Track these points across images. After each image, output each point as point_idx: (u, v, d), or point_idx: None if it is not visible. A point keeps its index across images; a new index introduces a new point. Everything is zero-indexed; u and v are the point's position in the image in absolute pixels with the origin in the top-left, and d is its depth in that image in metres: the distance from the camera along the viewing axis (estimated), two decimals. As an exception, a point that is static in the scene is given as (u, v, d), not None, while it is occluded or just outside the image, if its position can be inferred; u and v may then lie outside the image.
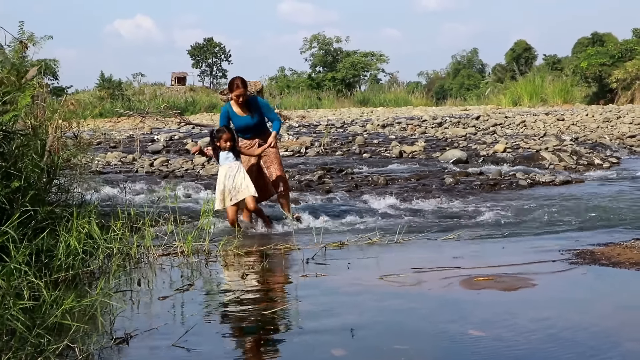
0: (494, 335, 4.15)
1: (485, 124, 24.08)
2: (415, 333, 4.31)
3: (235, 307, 4.88)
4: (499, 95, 50.49)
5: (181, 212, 8.53)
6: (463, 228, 8.22)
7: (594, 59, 50.42)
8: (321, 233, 7.24)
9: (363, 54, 72.52)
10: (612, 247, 6.39)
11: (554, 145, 16.66)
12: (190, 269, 6.21)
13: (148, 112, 30.50)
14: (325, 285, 5.66)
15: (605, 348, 3.87)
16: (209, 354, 3.93)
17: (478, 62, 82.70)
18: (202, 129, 25.27)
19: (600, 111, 30.61)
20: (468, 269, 5.97)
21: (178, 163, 13.64)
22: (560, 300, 4.94)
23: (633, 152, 18.85)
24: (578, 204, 9.74)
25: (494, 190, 11.74)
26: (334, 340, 4.17)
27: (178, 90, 60.44)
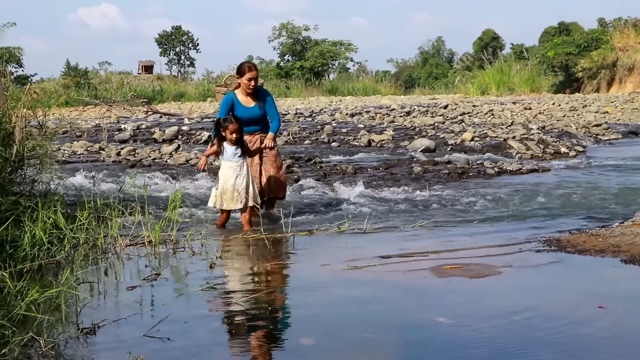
0: (461, 323, 4.17)
1: (454, 113, 24.19)
2: (384, 321, 4.31)
3: (204, 296, 4.85)
4: (467, 84, 50.76)
5: (149, 201, 8.47)
6: (431, 217, 8.25)
7: (560, 48, 50.77)
8: (289, 222, 7.22)
9: (332, 43, 72.38)
10: (578, 235, 6.45)
11: (521, 134, 16.78)
12: (157, 259, 6.17)
13: (115, 101, 30.21)
14: (294, 273, 5.65)
15: (569, 335, 3.91)
16: (181, 344, 3.90)
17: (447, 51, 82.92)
18: (170, 118, 25.11)
19: (567, 100, 30.89)
20: (436, 257, 5.99)
21: (145, 152, 13.54)
22: (526, 287, 4.98)
23: (598, 140, 19.04)
24: (544, 193, 9.82)
25: (461, 178, 11.79)
26: (302, 329, 4.16)
27: (145, 79, 59.99)
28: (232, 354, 3.68)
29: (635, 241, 5.86)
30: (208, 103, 40.92)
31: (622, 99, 31.25)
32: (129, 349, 3.71)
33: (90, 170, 11.22)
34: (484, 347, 3.74)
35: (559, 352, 3.64)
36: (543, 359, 3.55)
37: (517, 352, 3.65)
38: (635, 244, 5.79)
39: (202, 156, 7.90)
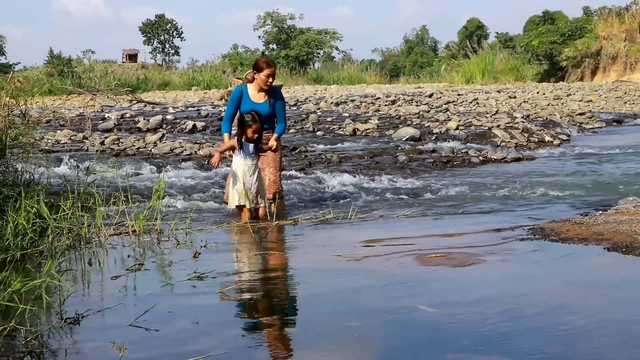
0: (446, 311, 4.18)
1: (438, 102, 24.23)
2: (369, 310, 4.32)
3: (189, 286, 4.84)
4: (452, 73, 50.85)
5: (133, 191, 8.45)
6: (416, 205, 8.26)
7: (544, 37, 50.90)
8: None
9: (317, 31, 72.32)
10: (562, 223, 6.48)
11: (505, 122, 16.83)
12: (142, 249, 6.15)
13: (99, 89, 30.07)
14: (278, 262, 5.65)
15: (553, 322, 3.92)
16: (166, 333, 3.89)
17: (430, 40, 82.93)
18: (154, 107, 25.01)
19: (551, 89, 31.01)
20: (421, 246, 6.00)
21: (129, 141, 13.48)
22: (510, 276, 4.99)
23: (582, 129, 19.12)
24: (529, 181, 9.86)
25: (446, 167, 11.82)
26: (287, 318, 4.16)
27: (130, 67, 59.69)
28: (217, 344, 3.67)
29: (618, 229, 5.89)
30: (193, 92, 40.82)
31: (605, 88, 31.41)
32: (113, 339, 3.69)
33: (74, 159, 11.17)
34: (468, 336, 3.75)
35: (543, 339, 3.65)
36: (527, 346, 3.56)
37: (502, 340, 3.65)
38: (618, 232, 5.82)
39: (216, 152, 7.67)
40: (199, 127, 16.61)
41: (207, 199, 9.02)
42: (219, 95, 32.21)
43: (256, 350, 3.67)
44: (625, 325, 3.87)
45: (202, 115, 19.15)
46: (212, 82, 51.01)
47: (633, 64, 45.52)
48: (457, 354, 3.52)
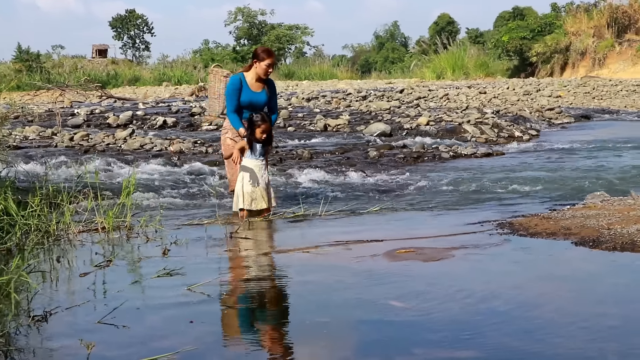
0: (415, 306, 4.20)
1: (409, 97, 24.30)
2: (338, 305, 4.32)
3: (159, 283, 4.82)
4: (423, 69, 51.00)
5: (102, 187, 8.39)
6: (386, 201, 8.29)
7: (514, 32, 51.30)
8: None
9: (288, 27, 72.30)
10: (530, 218, 6.53)
11: (475, 118, 16.92)
12: (111, 245, 6.11)
13: (68, 85, 29.80)
14: (248, 259, 5.64)
15: (521, 317, 3.96)
16: (134, 330, 3.87)
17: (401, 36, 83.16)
18: (125, 102, 24.85)
19: (521, 84, 31.22)
20: (390, 241, 6.02)
21: (99, 137, 13.38)
22: (478, 270, 5.02)
23: (552, 124, 19.30)
24: (498, 176, 9.92)
25: (417, 163, 11.87)
26: (257, 314, 4.16)
27: (99, 63, 59.26)
28: (186, 341, 3.67)
29: (585, 223, 5.95)
30: (163, 88, 40.61)
31: (574, 83, 31.68)
32: (82, 336, 3.67)
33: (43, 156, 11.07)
34: (437, 331, 3.77)
35: (511, 333, 3.68)
36: (495, 340, 3.59)
37: (470, 334, 3.68)
38: (585, 226, 5.88)
39: (236, 150, 7.42)
40: (170, 123, 16.54)
41: (178, 195, 8.99)
42: (190, 91, 32.07)
43: (226, 347, 3.67)
44: (594, 319, 3.91)
45: (172, 111, 19.05)
46: (183, 77, 50.77)
47: (601, 59, 46.00)
48: (425, 348, 3.53)
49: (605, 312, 4.02)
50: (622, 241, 5.34)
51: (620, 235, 5.48)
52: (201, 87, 31.63)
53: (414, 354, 3.49)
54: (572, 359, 3.35)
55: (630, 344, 3.49)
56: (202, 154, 12.20)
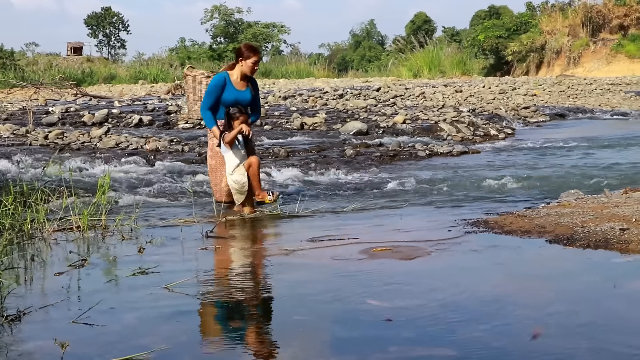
0: (391, 304, 4.21)
1: (386, 96, 24.32)
2: (314, 304, 4.33)
3: (134, 282, 4.80)
4: (399, 67, 51.12)
5: (78, 186, 8.35)
6: (362, 199, 8.30)
7: (490, 31, 51.56)
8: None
9: (264, 25, 72.19)
10: (505, 216, 6.57)
11: (452, 116, 16.98)
12: (86, 244, 6.08)
13: (42, 83, 29.56)
14: (224, 257, 5.63)
15: (496, 315, 3.98)
16: (109, 330, 3.85)
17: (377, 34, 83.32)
18: (100, 100, 24.70)
19: (497, 83, 31.36)
20: (367, 239, 6.04)
21: (74, 136, 13.30)
22: (454, 268, 5.04)
23: (527, 123, 19.41)
24: (474, 175, 9.97)
25: (393, 161, 11.90)
26: (233, 313, 4.15)
27: (75, 60, 58.86)
28: (161, 340, 3.65)
29: (559, 221, 5.99)
30: (139, 86, 40.40)
31: (550, 82, 31.88)
32: (56, 336, 3.64)
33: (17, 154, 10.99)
34: (412, 328, 3.78)
35: (487, 331, 3.70)
36: (471, 338, 3.60)
37: (446, 332, 3.69)
38: (559, 224, 5.92)
39: (229, 137, 7.46)
40: (145, 121, 16.46)
41: (154, 193, 8.95)
42: (166, 89, 31.93)
43: (201, 346, 3.66)
44: (568, 316, 3.94)
45: (148, 109, 18.96)
46: (159, 75, 50.52)
47: (576, 58, 46.36)
48: (401, 346, 3.54)
49: (579, 309, 4.05)
50: (596, 239, 5.39)
51: (594, 232, 5.52)
52: (177, 85, 31.50)
53: (389, 352, 3.50)
54: (546, 355, 3.37)
55: (602, 340, 3.52)
56: (178, 153, 12.16)
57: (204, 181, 9.51)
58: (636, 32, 45.97)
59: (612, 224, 5.64)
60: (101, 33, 79.22)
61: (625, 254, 5.04)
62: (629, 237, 5.31)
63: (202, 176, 9.85)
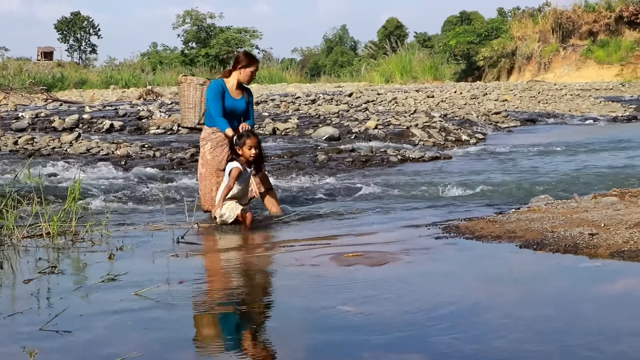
0: (362, 310, 4.22)
1: (358, 101, 24.38)
2: (286, 310, 4.33)
3: (104, 289, 4.76)
4: (372, 73, 51.25)
5: (48, 192, 8.27)
6: (334, 204, 8.31)
7: (462, 37, 51.82)
8: (193, 211, 7.16)
9: (236, 30, 72.00)
10: (476, 222, 6.60)
11: (423, 121, 17.06)
12: (56, 251, 6.03)
13: (12, 88, 29.32)
14: (196, 264, 5.61)
15: (467, 320, 4.00)
16: (78, 337, 3.82)
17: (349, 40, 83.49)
18: (71, 106, 24.53)
19: (468, 88, 31.54)
20: (338, 245, 6.04)
21: (44, 141, 13.20)
22: (425, 274, 5.06)
23: (498, 128, 19.53)
24: (445, 180, 10.01)
25: (365, 166, 11.92)
26: (204, 319, 4.13)
27: (45, 65, 58.37)
28: (132, 347, 3.63)
29: (530, 226, 6.03)
30: (111, 91, 40.20)
31: (520, 87, 32.14)
32: (24, 344, 3.61)
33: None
34: (384, 334, 3.78)
35: (458, 337, 3.71)
36: (442, 344, 3.62)
37: (417, 338, 3.70)
38: (530, 229, 5.96)
39: (241, 209, 7.01)
40: (117, 126, 16.37)
41: (125, 199, 8.90)
42: (138, 94, 31.80)
43: (171, 353, 3.64)
44: (538, 321, 3.96)
45: (119, 115, 18.87)
46: (131, 80, 50.33)
47: (547, 64, 46.70)
48: (373, 352, 3.55)
49: (548, 314, 4.08)
50: (565, 243, 5.43)
51: (564, 237, 5.57)
52: (149, 90, 31.41)
53: (362, 357, 3.50)
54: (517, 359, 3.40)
55: (572, 344, 3.54)
56: (149, 158, 12.10)
57: (176, 187, 9.48)
58: (605, 38, 46.43)
59: (581, 229, 5.68)
60: (72, 38, 78.70)
61: (593, 258, 5.09)
62: (597, 242, 5.35)
63: (175, 182, 9.82)
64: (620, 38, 46.00)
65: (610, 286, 4.52)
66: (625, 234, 5.44)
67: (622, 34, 46.55)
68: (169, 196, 8.84)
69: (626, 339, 3.61)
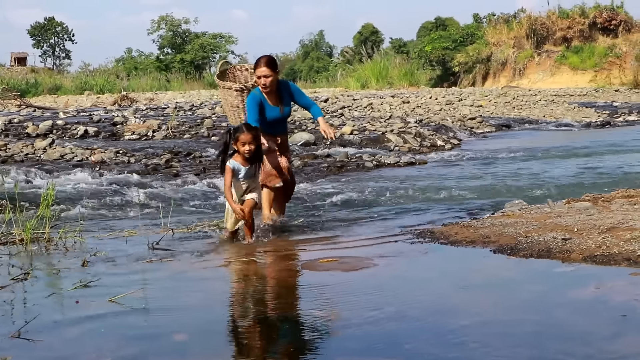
0: (335, 315, 4.23)
1: (334, 107, 24.41)
2: (259, 315, 4.33)
3: (78, 295, 4.73)
4: (347, 78, 51.34)
5: (21, 198, 8.21)
6: (310, 210, 8.31)
7: (437, 42, 52.03)
8: (169, 217, 7.13)
9: (212, 35, 71.94)
10: (451, 227, 6.62)
11: (399, 127, 17.10)
12: (29, 258, 5.98)
13: (-15, 93, 29.09)
14: (171, 270, 5.59)
15: (441, 325, 4.02)
16: (51, 344, 3.80)
17: (325, 45, 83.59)
18: (45, 111, 24.37)
19: (444, 94, 31.69)
20: (312, 250, 6.05)
21: (18, 147, 13.10)
22: (399, 279, 5.08)
23: (473, 133, 19.62)
24: (420, 185, 10.04)
25: (341, 172, 11.94)
26: (176, 326, 4.11)
27: (18, 71, 57.93)
28: (104, 354, 3.61)
29: (504, 232, 6.06)
30: (85, 97, 39.98)
31: (495, 93, 32.33)
32: (-4, 352, 3.59)
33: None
34: (358, 339, 3.79)
35: (432, 342, 3.73)
36: (416, 349, 3.63)
37: (391, 343, 3.71)
38: (504, 234, 5.99)
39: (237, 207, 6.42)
40: (91, 132, 16.29)
41: (99, 205, 8.85)
42: (112, 100, 31.65)
43: (145, 359, 3.62)
44: (511, 325, 3.99)
45: (94, 121, 18.78)
46: (106, 86, 50.08)
47: (521, 70, 47.01)
48: (347, 357, 3.56)
49: (522, 318, 4.10)
50: (539, 248, 5.47)
51: (537, 242, 5.60)
52: (124, 96, 31.27)
53: (335, 363, 3.52)
54: (490, 364, 3.42)
55: (546, 348, 3.56)
56: (124, 164, 12.05)
57: (151, 193, 9.44)
58: (579, 44, 46.82)
59: (554, 234, 5.72)
60: (45, 43, 78.20)
61: (567, 263, 5.12)
62: (570, 247, 5.39)
63: (150, 188, 9.79)
64: (594, 44, 46.42)
65: (583, 291, 4.55)
66: (597, 239, 5.48)
67: (595, 40, 46.98)
68: (144, 202, 8.80)
69: (597, 343, 3.64)
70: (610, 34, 47.03)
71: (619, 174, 10.90)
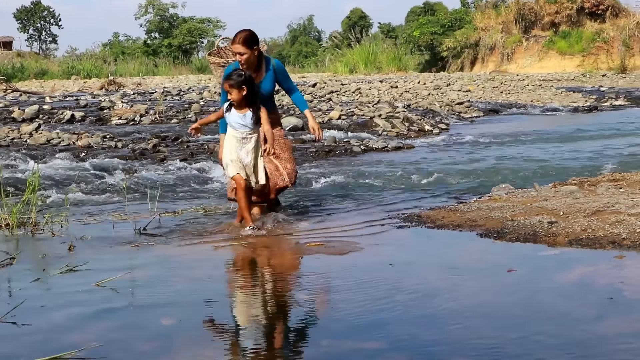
0: (322, 298, 4.25)
1: (322, 92, 24.35)
2: (245, 299, 4.34)
3: (64, 280, 4.73)
4: (336, 63, 51.24)
5: (7, 183, 8.18)
6: (297, 194, 8.31)
7: (425, 27, 52.03)
8: (156, 202, 7.11)
9: (200, 20, 71.62)
10: (438, 211, 6.64)
11: (387, 112, 17.09)
12: (15, 242, 5.97)
13: (-29, 78, 28.90)
14: (157, 254, 5.58)
15: (426, 308, 4.03)
16: (38, 328, 3.80)
17: (313, 30, 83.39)
18: (31, 96, 24.25)
19: (432, 79, 31.70)
20: (300, 234, 6.06)
21: (3, 132, 13.02)
22: (386, 262, 5.08)
23: (461, 118, 19.65)
24: (407, 170, 10.05)
25: (328, 157, 11.93)
26: (163, 310, 4.11)
27: (4, 55, 57.59)
28: (92, 338, 3.61)
29: (490, 215, 6.08)
30: (72, 81, 39.76)
31: (483, 78, 32.37)
32: (-19, 336, 3.59)
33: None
34: (343, 322, 3.81)
35: (417, 325, 3.75)
36: (401, 332, 3.64)
37: (377, 325, 3.72)
38: (490, 218, 6.01)
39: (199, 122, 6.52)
40: (78, 117, 16.20)
41: (86, 190, 8.83)
42: (99, 84, 31.52)
43: (131, 342, 3.63)
44: (496, 308, 4.02)
45: (81, 105, 18.67)
46: (93, 71, 49.84)
47: (509, 54, 47.10)
48: (332, 340, 3.57)
49: (507, 301, 4.13)
50: (525, 232, 5.49)
51: (523, 226, 5.63)
52: (111, 80, 31.14)
53: (321, 345, 3.53)
54: (475, 346, 3.43)
55: (530, 331, 3.59)
56: (111, 149, 12.00)
57: (138, 178, 9.42)
58: (567, 29, 46.92)
59: (540, 218, 5.75)
60: (32, 27, 77.73)
61: (552, 246, 5.15)
62: (556, 230, 5.42)
63: (138, 173, 9.76)
64: (582, 29, 46.53)
65: (568, 274, 4.58)
66: (583, 222, 5.51)
67: (583, 25, 47.10)
68: (131, 187, 8.78)
69: (580, 324, 3.67)
70: (597, 19, 47.15)
71: (605, 157, 10.94)
